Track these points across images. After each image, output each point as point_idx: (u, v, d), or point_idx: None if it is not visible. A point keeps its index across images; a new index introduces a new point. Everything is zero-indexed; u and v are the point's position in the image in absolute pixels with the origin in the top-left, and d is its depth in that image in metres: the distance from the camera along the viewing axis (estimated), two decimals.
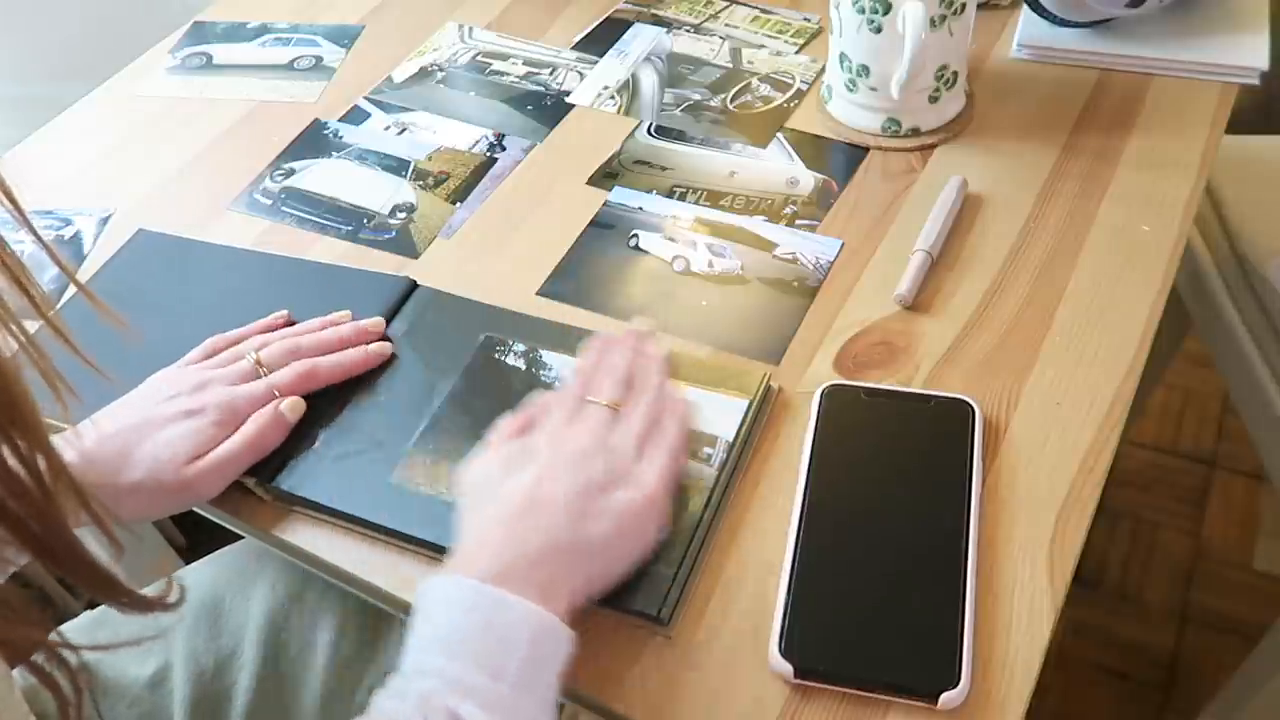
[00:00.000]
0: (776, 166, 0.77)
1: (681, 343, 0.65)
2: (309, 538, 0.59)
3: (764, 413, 0.60)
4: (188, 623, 0.74)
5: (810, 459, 0.57)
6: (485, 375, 0.63)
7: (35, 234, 0.45)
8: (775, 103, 0.82)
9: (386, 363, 0.65)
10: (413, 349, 0.65)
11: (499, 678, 0.44)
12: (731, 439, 0.58)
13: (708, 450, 0.58)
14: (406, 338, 0.66)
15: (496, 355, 0.64)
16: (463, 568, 0.48)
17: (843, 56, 0.76)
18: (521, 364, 0.63)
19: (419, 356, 0.65)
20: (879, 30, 0.71)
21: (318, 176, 0.81)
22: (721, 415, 0.59)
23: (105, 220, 0.80)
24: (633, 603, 0.52)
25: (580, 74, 0.87)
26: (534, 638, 0.46)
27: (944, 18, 0.70)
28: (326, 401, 0.62)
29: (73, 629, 0.75)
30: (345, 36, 0.95)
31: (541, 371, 0.63)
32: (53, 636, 0.73)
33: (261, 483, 0.59)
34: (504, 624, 0.46)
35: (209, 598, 0.75)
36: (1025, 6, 0.82)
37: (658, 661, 0.51)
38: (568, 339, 0.64)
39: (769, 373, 0.61)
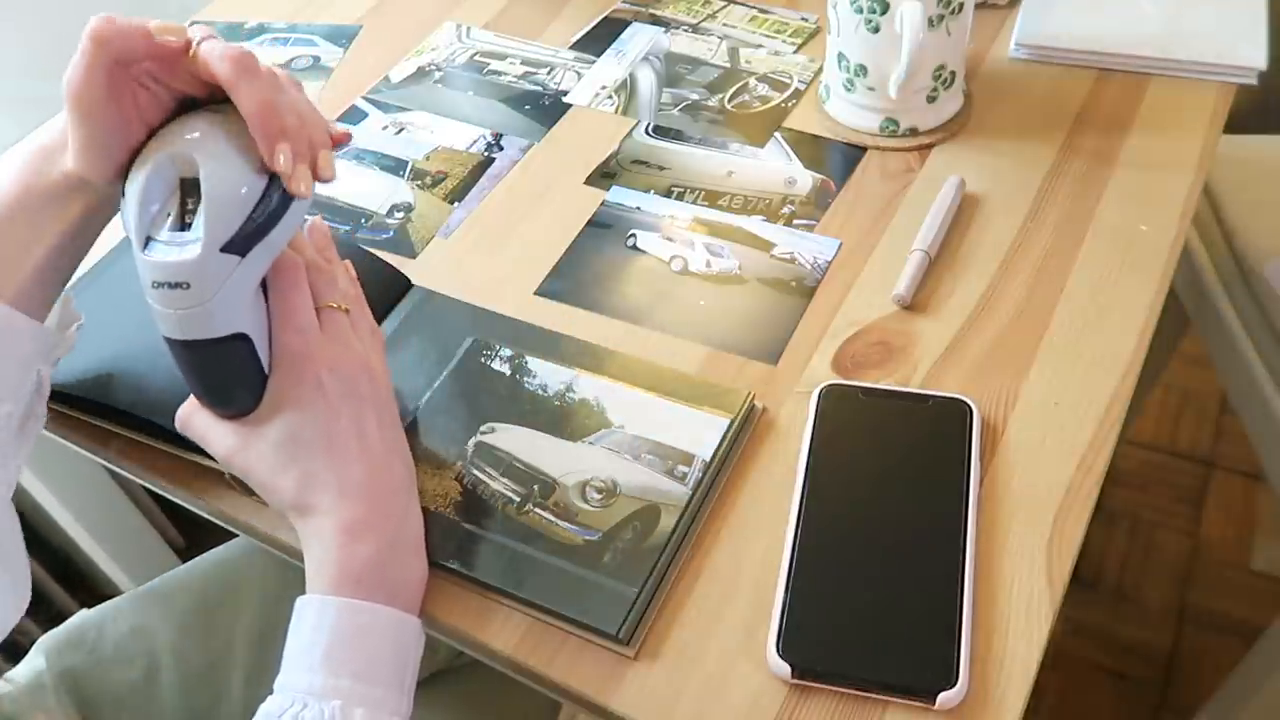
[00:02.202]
0: (774, 166, 0.77)
1: (675, 345, 0.65)
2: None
3: (745, 433, 0.59)
4: (177, 624, 0.73)
5: (808, 459, 0.57)
6: (469, 378, 0.63)
7: None
8: (773, 102, 0.82)
9: None
10: (401, 348, 0.65)
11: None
12: (709, 458, 0.57)
13: (683, 469, 0.57)
14: (396, 336, 0.66)
15: (483, 359, 0.64)
16: None
17: (840, 56, 0.76)
18: (506, 369, 0.63)
19: (406, 356, 0.64)
20: (876, 30, 0.71)
21: None
22: (702, 433, 0.58)
23: None
24: (594, 621, 0.51)
25: (578, 74, 0.87)
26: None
27: (942, 17, 0.70)
28: None
29: (60, 632, 0.74)
30: (343, 36, 0.95)
31: (526, 378, 0.63)
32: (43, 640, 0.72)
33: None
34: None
35: (198, 599, 0.75)
36: (1024, 5, 0.81)
37: (656, 662, 0.51)
38: (555, 346, 0.64)
39: (752, 393, 0.60)
